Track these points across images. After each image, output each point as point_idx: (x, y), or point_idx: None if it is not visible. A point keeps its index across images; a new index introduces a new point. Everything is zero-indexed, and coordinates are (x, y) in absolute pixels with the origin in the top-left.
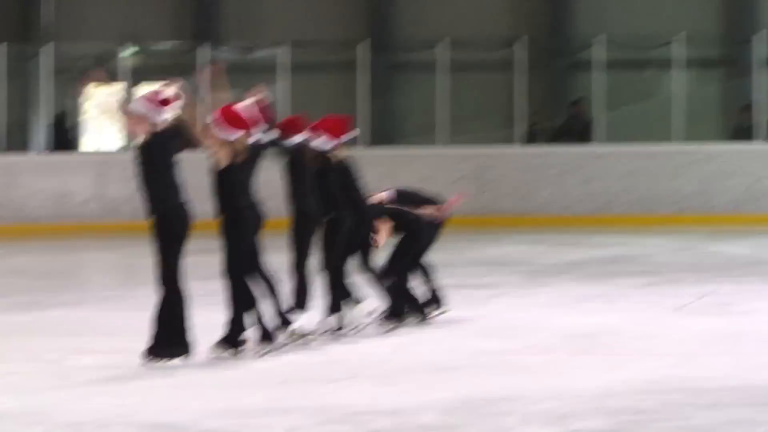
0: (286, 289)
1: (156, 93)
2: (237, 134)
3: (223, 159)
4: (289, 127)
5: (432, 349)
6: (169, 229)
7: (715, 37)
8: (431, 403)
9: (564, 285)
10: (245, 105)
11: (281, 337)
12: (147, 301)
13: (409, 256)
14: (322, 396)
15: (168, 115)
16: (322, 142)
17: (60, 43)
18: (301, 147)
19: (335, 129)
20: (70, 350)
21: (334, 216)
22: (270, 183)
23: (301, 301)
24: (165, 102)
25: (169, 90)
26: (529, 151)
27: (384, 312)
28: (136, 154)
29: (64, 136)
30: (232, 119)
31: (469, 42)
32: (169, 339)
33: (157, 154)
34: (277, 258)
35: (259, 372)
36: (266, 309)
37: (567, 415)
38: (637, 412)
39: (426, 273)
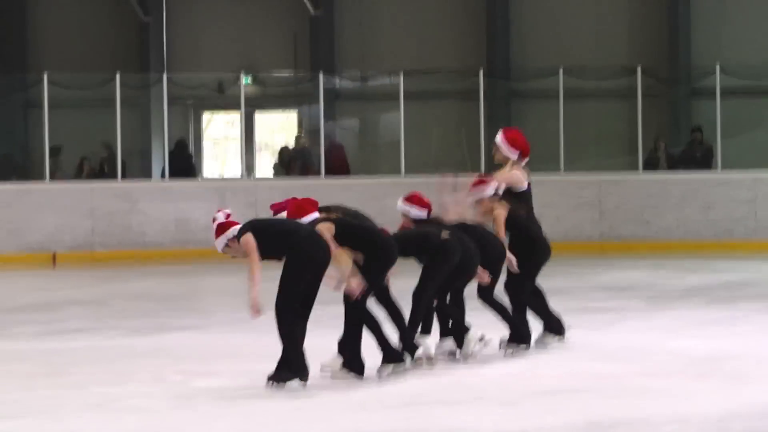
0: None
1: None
2: None
3: None
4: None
5: (555, 373)
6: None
7: None
8: (556, 426)
9: (686, 310)
10: None
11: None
12: (269, 324)
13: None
14: (447, 418)
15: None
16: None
17: (177, 73)
18: None
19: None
20: (193, 373)
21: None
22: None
23: (426, 325)
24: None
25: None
26: (649, 177)
27: (507, 337)
28: None
29: (185, 163)
30: None
31: (587, 70)
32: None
33: None
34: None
35: (384, 394)
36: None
37: None
38: None
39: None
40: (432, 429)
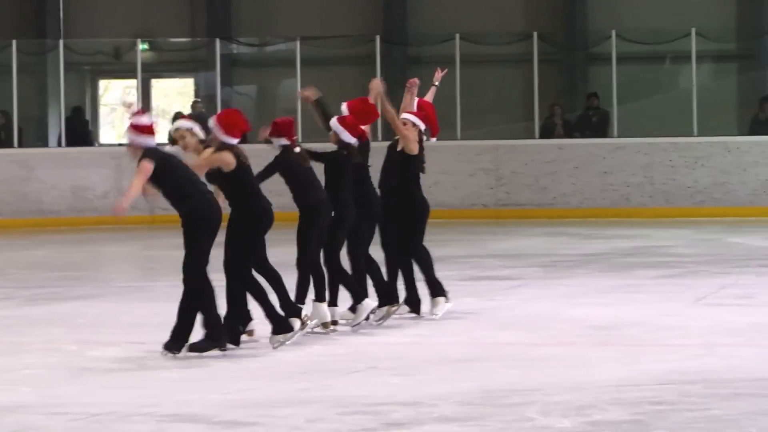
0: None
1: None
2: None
3: None
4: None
5: (451, 341)
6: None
7: (731, 31)
8: (451, 394)
9: (583, 277)
10: None
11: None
12: (166, 292)
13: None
14: (343, 387)
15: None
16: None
17: (73, 39)
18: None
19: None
20: (89, 342)
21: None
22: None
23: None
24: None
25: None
26: (546, 143)
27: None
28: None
29: (81, 130)
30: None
31: (484, 36)
32: (190, 333)
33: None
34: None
35: (280, 363)
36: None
37: (587, 406)
38: (656, 403)
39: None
40: (327, 398)
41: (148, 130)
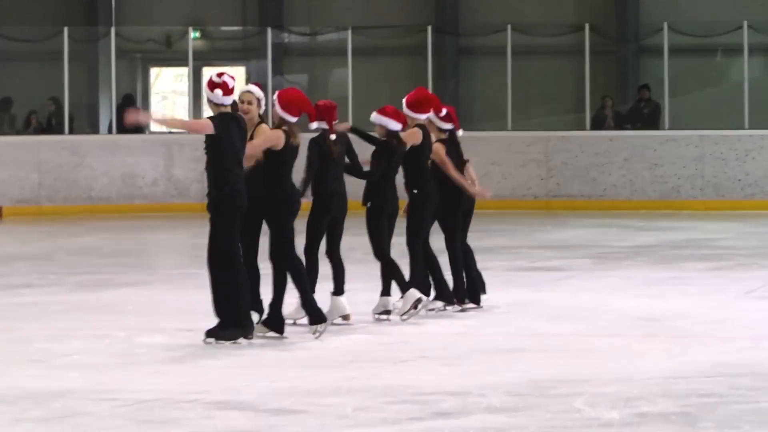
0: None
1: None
2: None
3: None
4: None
5: (499, 332)
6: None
7: None
8: (498, 384)
9: (632, 269)
10: None
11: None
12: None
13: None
14: (390, 376)
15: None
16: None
17: (125, 27)
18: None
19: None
20: (137, 329)
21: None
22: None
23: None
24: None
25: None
26: (596, 135)
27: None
28: None
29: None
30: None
31: (535, 27)
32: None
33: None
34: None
35: (327, 352)
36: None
37: (635, 398)
38: (704, 395)
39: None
40: (375, 387)
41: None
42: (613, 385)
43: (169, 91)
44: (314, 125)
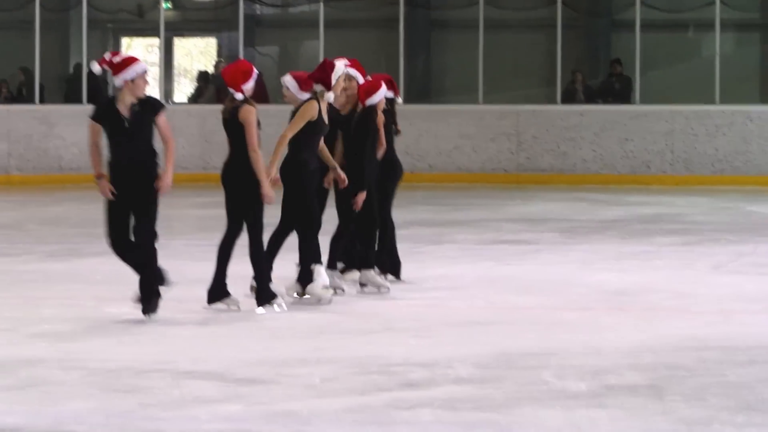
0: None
1: None
2: None
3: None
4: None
5: (468, 304)
6: None
7: (755, 0)
8: (466, 356)
9: (601, 243)
10: None
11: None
12: (184, 250)
13: None
14: (359, 347)
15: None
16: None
17: None
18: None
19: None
20: (107, 299)
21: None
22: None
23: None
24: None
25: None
26: (567, 109)
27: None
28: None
29: (103, 89)
30: None
31: (508, 1)
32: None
33: None
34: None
35: (295, 323)
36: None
37: (602, 370)
38: (672, 368)
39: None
40: (343, 358)
41: None
42: (581, 358)
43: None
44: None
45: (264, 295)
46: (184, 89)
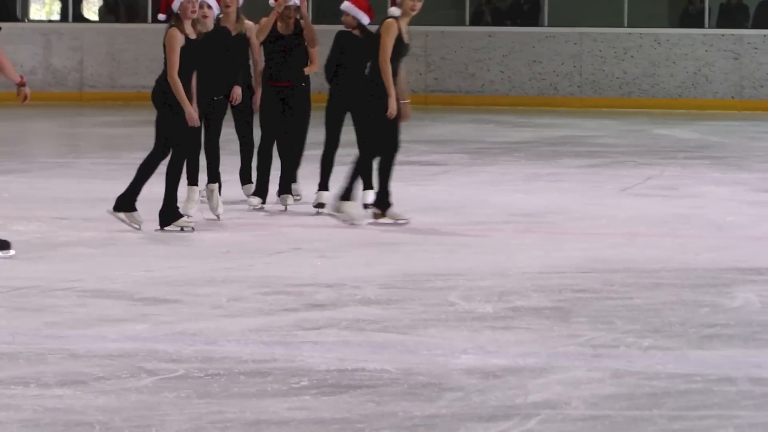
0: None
1: None
2: None
3: None
4: None
5: (375, 226)
6: None
7: None
8: (373, 277)
9: (508, 165)
10: None
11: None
12: (90, 169)
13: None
14: (265, 267)
15: None
16: None
17: None
18: None
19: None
20: (14, 217)
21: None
22: None
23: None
24: None
25: None
26: (475, 30)
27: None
28: None
29: (10, 5)
30: None
31: None
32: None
33: None
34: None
35: (203, 244)
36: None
37: (509, 292)
38: (578, 290)
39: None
40: (250, 278)
41: None
42: (487, 279)
43: None
44: None
45: (169, 215)
46: (93, 7)
